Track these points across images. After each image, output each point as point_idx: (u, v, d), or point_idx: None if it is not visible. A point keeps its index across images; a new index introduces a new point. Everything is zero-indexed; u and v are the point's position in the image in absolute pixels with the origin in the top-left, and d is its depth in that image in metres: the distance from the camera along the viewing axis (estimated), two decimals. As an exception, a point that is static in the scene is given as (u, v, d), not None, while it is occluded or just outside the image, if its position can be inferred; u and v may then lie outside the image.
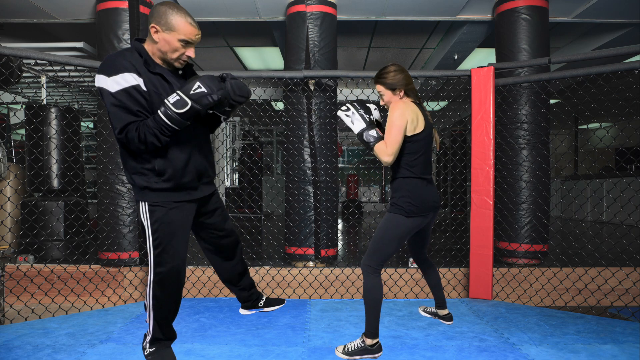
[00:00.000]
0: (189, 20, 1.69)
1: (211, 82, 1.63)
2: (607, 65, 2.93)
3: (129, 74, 1.65)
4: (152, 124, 1.63)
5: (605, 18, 4.55)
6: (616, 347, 2.27)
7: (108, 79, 1.64)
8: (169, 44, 1.70)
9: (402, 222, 2.02)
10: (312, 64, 3.75)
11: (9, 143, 5.98)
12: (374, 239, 2.07)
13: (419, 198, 2.03)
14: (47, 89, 4.95)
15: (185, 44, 1.71)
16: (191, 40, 1.72)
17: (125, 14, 3.66)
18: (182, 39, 1.69)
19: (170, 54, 1.72)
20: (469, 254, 3.30)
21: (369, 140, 2.00)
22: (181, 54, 1.73)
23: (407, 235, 2.07)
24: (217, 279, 3.52)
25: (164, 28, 1.68)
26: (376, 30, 5.46)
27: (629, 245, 4.47)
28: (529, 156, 3.67)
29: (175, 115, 1.60)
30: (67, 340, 2.37)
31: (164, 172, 1.75)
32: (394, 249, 2.06)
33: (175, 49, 1.71)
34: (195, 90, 1.60)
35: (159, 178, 1.76)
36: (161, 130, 1.63)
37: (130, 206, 3.67)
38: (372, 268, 2.04)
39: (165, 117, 1.61)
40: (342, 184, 10.66)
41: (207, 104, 1.62)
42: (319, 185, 3.76)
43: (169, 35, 1.69)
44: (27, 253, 3.85)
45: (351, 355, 2.08)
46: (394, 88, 2.06)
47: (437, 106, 9.50)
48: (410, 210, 2.01)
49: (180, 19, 1.68)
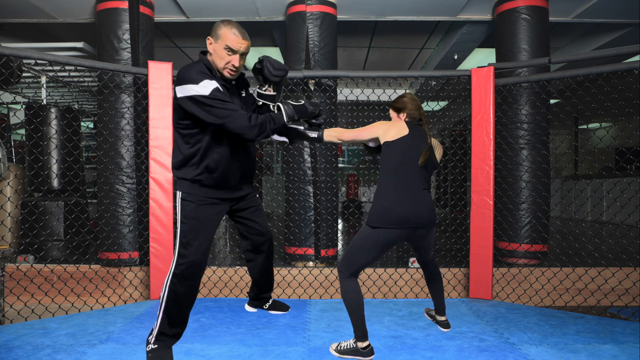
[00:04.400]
0: (234, 31, 1.84)
1: (314, 106, 1.98)
2: (607, 65, 2.93)
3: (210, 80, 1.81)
4: (268, 118, 1.85)
5: (605, 18, 4.55)
6: (616, 347, 2.27)
7: (197, 86, 1.78)
8: (217, 53, 1.86)
9: (368, 233, 1.96)
10: (312, 64, 3.75)
11: (9, 143, 5.98)
12: (348, 247, 2.03)
13: (383, 210, 1.94)
14: (47, 89, 4.95)
15: (229, 51, 1.84)
16: (235, 48, 1.84)
17: (125, 14, 3.66)
18: (227, 45, 1.83)
19: (219, 62, 1.87)
20: (469, 254, 3.30)
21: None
22: (227, 62, 1.86)
23: (379, 248, 1.96)
24: (216, 279, 3.52)
25: (214, 39, 1.86)
26: (376, 30, 5.46)
27: (629, 245, 4.47)
28: (529, 156, 3.67)
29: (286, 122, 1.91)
30: (67, 340, 2.36)
31: (214, 170, 1.92)
32: (366, 260, 1.98)
33: (221, 57, 1.85)
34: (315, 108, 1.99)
35: (209, 174, 1.92)
36: (272, 126, 1.86)
37: (130, 206, 3.67)
38: (343, 273, 2.00)
39: (285, 111, 1.91)
40: (342, 184, 10.66)
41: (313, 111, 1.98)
42: (319, 185, 3.76)
43: (217, 45, 1.85)
44: (27, 253, 3.85)
45: (342, 353, 2.07)
46: (399, 111, 2.16)
47: (437, 106, 9.50)
48: (375, 220, 1.94)
49: (226, 29, 1.84)
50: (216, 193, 1.98)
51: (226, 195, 2.02)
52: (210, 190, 1.96)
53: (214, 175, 1.93)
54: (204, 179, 1.93)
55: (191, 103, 1.81)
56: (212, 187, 1.96)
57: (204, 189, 1.95)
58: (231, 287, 3.51)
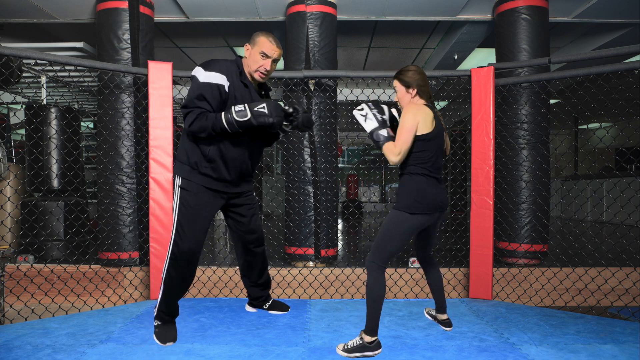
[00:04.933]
0: (270, 39, 2.09)
1: (274, 108, 1.97)
2: (607, 65, 2.93)
3: (221, 75, 2.01)
4: (211, 118, 1.95)
5: (605, 18, 4.54)
6: (616, 347, 2.26)
7: (203, 71, 2.00)
8: (253, 57, 2.10)
9: (405, 219, 2.04)
10: (312, 64, 3.75)
11: (9, 143, 5.98)
12: (378, 236, 2.09)
13: (424, 195, 2.04)
14: (47, 89, 4.95)
15: (263, 56, 2.08)
16: (268, 53, 2.08)
17: (125, 14, 3.66)
18: (262, 51, 2.07)
19: (253, 65, 2.10)
20: (469, 254, 3.30)
21: (378, 140, 2.06)
22: (260, 65, 2.09)
23: (411, 233, 2.08)
24: (216, 278, 3.52)
25: (252, 45, 2.10)
26: (376, 30, 5.46)
27: (629, 245, 4.47)
28: (529, 156, 3.67)
29: (233, 120, 1.93)
30: (67, 340, 2.36)
31: (213, 160, 2.06)
32: (398, 246, 2.07)
33: (255, 60, 2.09)
34: (258, 109, 1.95)
35: (208, 164, 2.07)
36: (214, 127, 1.95)
37: (130, 206, 3.67)
38: (376, 265, 2.06)
39: (224, 119, 1.94)
40: (342, 184, 10.65)
41: (263, 123, 1.95)
42: (319, 185, 3.76)
43: (253, 50, 2.09)
44: (27, 253, 3.85)
45: (350, 352, 2.10)
46: (408, 86, 2.13)
47: (437, 106, 9.50)
48: (414, 207, 2.03)
49: (263, 37, 2.09)
50: (213, 184, 2.10)
51: (223, 189, 2.13)
52: (207, 179, 2.09)
53: (213, 166, 2.07)
54: (202, 168, 2.07)
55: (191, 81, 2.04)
56: (210, 177, 2.09)
57: (202, 177, 2.08)
58: (231, 287, 3.51)
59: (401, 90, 2.16)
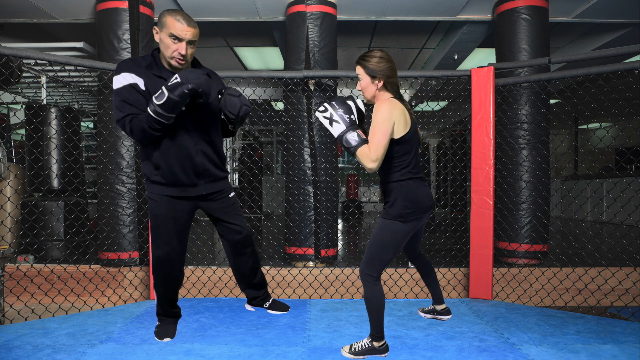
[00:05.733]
0: (178, 18, 1.81)
1: (189, 74, 1.72)
2: (607, 65, 2.93)
3: (129, 74, 1.82)
4: (143, 117, 1.78)
5: (605, 18, 4.54)
6: (616, 347, 2.27)
7: (115, 77, 1.83)
8: (163, 42, 1.85)
9: (398, 228, 1.92)
10: (312, 64, 3.75)
11: (9, 143, 5.98)
12: (370, 247, 1.96)
13: (414, 200, 1.92)
14: (47, 89, 4.95)
15: (174, 39, 1.83)
16: (179, 35, 1.82)
17: (125, 14, 3.66)
18: (171, 33, 1.81)
19: (165, 51, 1.87)
20: (469, 254, 3.30)
21: (349, 145, 1.81)
22: (173, 50, 1.85)
23: (405, 240, 1.98)
24: (216, 278, 3.52)
25: (160, 28, 1.85)
26: (376, 30, 5.46)
27: (629, 245, 4.47)
28: (529, 156, 3.67)
29: (157, 108, 1.73)
30: (67, 340, 2.36)
31: (158, 166, 1.92)
32: (392, 256, 1.97)
33: (167, 45, 1.84)
34: (172, 82, 1.72)
35: (156, 171, 1.93)
36: (150, 124, 1.77)
37: (130, 206, 3.67)
38: (371, 277, 1.94)
39: (151, 111, 1.74)
40: (342, 184, 10.65)
41: (182, 94, 1.71)
42: (319, 185, 3.76)
43: (162, 34, 1.84)
44: (27, 253, 3.85)
45: (358, 354, 2.08)
46: (374, 76, 1.88)
47: (437, 106, 9.50)
48: (407, 215, 1.91)
49: (170, 17, 1.82)
50: (168, 190, 1.96)
51: (181, 194, 1.97)
52: (162, 187, 1.96)
53: (160, 172, 1.93)
54: (152, 176, 1.95)
55: None
56: (163, 185, 1.95)
57: (157, 186, 1.96)
58: (231, 287, 3.51)
59: (365, 80, 1.90)
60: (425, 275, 2.37)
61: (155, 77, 1.86)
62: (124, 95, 1.80)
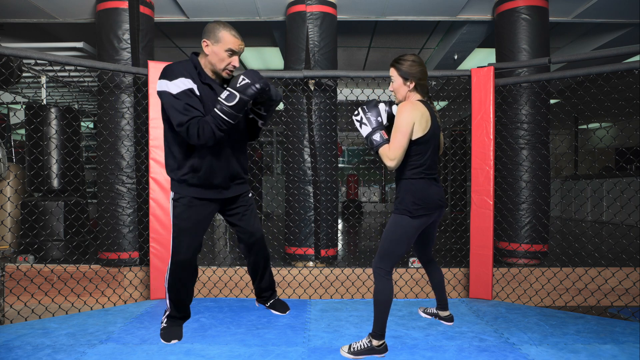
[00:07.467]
0: (233, 33, 1.93)
1: (252, 74, 1.84)
2: (607, 65, 2.93)
3: (186, 79, 1.88)
4: (210, 119, 1.83)
5: (605, 18, 4.54)
6: (616, 347, 2.26)
7: (170, 82, 1.86)
8: (217, 55, 1.93)
9: (408, 222, 2.01)
10: (312, 64, 3.75)
11: (9, 143, 5.98)
12: (382, 242, 2.06)
13: (423, 197, 2.01)
14: (47, 89, 4.95)
15: (231, 53, 1.94)
16: (235, 49, 1.94)
17: (125, 14, 3.66)
18: (229, 48, 1.92)
19: (219, 64, 1.96)
20: (469, 254, 3.30)
21: (372, 144, 1.98)
22: (227, 63, 1.96)
23: (415, 234, 2.06)
24: (216, 278, 3.52)
25: (213, 41, 1.93)
26: (376, 30, 5.46)
27: (629, 245, 4.47)
28: (529, 156, 3.67)
29: (228, 109, 1.81)
30: (67, 340, 2.36)
31: (198, 169, 1.98)
32: (403, 250, 2.05)
33: (222, 58, 1.94)
34: (240, 83, 1.82)
35: (194, 174, 1.98)
36: (218, 125, 1.84)
37: (130, 206, 3.67)
38: (384, 270, 2.03)
39: (220, 112, 1.82)
40: (342, 184, 10.65)
41: (253, 93, 1.82)
42: (319, 185, 3.76)
43: (217, 47, 1.93)
44: (27, 253, 3.85)
45: (357, 354, 2.09)
46: (406, 78, 2.01)
47: (437, 106, 9.50)
48: (415, 210, 2.00)
49: (225, 32, 1.92)
50: (203, 193, 2.03)
51: (214, 196, 2.06)
52: (197, 189, 2.01)
53: (199, 175, 1.99)
54: (189, 179, 1.99)
55: (161, 98, 1.90)
56: (199, 187, 2.01)
57: (191, 189, 2.01)
58: (231, 287, 3.51)
59: (397, 81, 2.03)
60: (433, 281, 2.40)
61: (202, 84, 1.94)
62: (186, 99, 1.85)
